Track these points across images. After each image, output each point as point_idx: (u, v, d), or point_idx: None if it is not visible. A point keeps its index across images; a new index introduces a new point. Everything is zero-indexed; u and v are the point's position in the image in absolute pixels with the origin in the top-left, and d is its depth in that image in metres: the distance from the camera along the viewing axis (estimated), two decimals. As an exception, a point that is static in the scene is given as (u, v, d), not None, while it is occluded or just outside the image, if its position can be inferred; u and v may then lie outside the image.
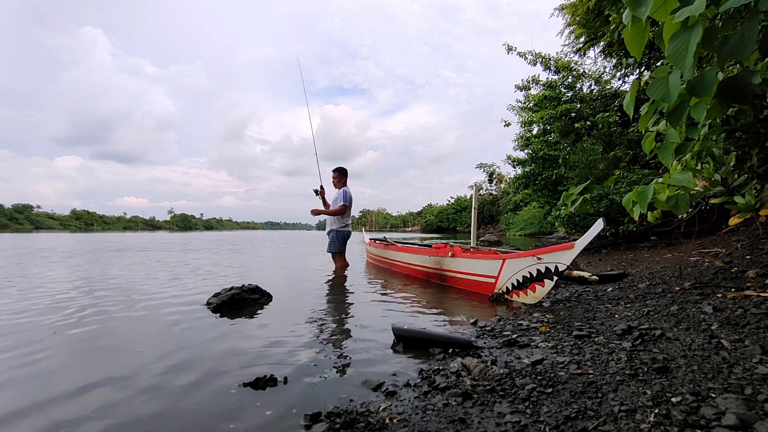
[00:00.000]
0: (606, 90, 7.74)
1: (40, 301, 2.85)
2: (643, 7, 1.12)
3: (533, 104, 8.30)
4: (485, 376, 1.31)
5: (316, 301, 2.91)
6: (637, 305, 2.16)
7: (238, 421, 1.12)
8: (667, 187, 1.81)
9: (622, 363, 1.32)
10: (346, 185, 4.98)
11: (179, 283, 3.80)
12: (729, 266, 2.57)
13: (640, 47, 1.25)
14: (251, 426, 1.10)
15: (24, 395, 1.30)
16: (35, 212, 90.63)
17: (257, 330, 2.10)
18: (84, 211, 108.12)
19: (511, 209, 32.67)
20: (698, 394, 1.03)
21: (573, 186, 3.48)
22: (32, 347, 1.81)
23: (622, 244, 5.70)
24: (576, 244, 2.35)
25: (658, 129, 1.85)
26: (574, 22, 7.98)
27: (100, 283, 3.79)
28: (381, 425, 1.05)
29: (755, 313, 1.59)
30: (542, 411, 1.05)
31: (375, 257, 5.77)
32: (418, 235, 31.25)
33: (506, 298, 2.80)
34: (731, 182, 2.30)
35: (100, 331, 2.09)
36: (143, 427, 1.10)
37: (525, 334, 1.83)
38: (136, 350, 1.78)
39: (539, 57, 7.74)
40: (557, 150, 7.53)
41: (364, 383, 1.36)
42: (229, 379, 1.41)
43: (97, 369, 1.54)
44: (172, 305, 2.72)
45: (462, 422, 1.03)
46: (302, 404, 1.21)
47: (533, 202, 11.86)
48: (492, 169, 42.38)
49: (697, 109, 1.35)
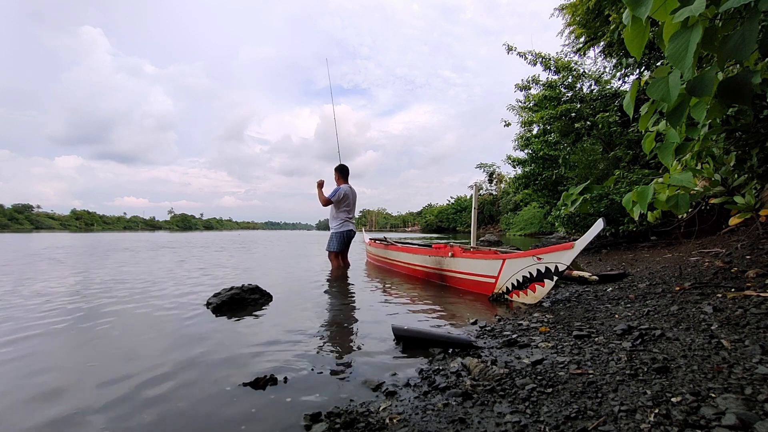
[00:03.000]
0: (606, 90, 7.74)
1: (40, 302, 2.85)
2: (643, 7, 1.13)
3: (533, 104, 8.30)
4: (485, 376, 1.31)
5: (316, 301, 2.91)
6: (637, 305, 2.16)
7: (238, 421, 1.12)
8: (667, 187, 1.81)
9: (622, 363, 1.32)
10: (347, 182, 4.97)
11: (179, 283, 3.80)
12: (729, 266, 2.57)
13: (640, 47, 1.25)
14: (251, 426, 1.10)
15: (23, 395, 1.30)
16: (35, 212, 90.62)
17: (257, 330, 2.10)
18: (84, 211, 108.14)
19: (511, 209, 32.68)
20: (698, 394, 1.03)
21: (573, 186, 3.48)
22: (32, 347, 1.81)
23: (622, 244, 5.70)
24: (576, 244, 2.35)
25: (658, 129, 1.85)
26: (574, 22, 7.98)
27: (100, 283, 3.79)
28: (381, 425, 1.05)
29: (755, 313, 1.59)
30: (542, 411, 1.05)
31: (375, 257, 5.76)
32: (418, 235, 31.26)
33: (506, 298, 2.80)
34: (731, 182, 2.30)
35: (100, 331, 2.09)
36: (143, 427, 1.10)
37: (525, 334, 1.83)
38: (135, 350, 1.78)
39: (539, 57, 7.74)
40: (557, 150, 7.53)
41: (364, 383, 1.36)
42: (229, 379, 1.41)
43: (96, 369, 1.54)
44: (171, 305, 2.72)
45: (462, 422, 1.03)
46: (302, 404, 1.21)
47: (533, 202, 11.86)
48: (492, 169, 42.38)
49: (697, 109, 1.35)
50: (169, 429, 1.09)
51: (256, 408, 1.20)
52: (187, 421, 1.13)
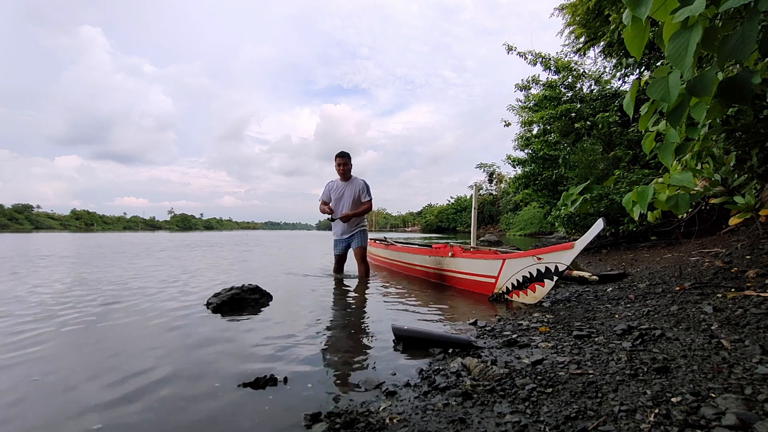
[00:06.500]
0: (606, 90, 7.73)
1: (41, 301, 2.85)
2: (643, 7, 1.13)
3: (533, 104, 8.30)
4: (485, 376, 1.31)
5: (317, 301, 2.91)
6: (637, 305, 2.16)
7: (238, 421, 1.12)
8: (667, 187, 1.81)
9: (622, 363, 1.32)
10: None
11: (179, 282, 3.80)
12: (729, 266, 2.57)
13: (640, 47, 1.25)
14: (251, 426, 1.10)
15: (21, 395, 1.30)
16: (35, 212, 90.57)
17: (257, 330, 2.10)
18: (84, 211, 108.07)
19: (511, 209, 32.66)
20: (698, 394, 1.03)
21: (573, 186, 3.48)
22: (31, 348, 1.80)
23: (622, 244, 5.70)
24: (576, 244, 2.35)
25: (658, 129, 1.85)
26: (574, 22, 7.98)
27: (100, 283, 3.79)
28: (381, 425, 1.05)
29: (755, 313, 1.59)
30: (542, 411, 1.05)
31: (375, 257, 5.76)
32: (418, 235, 31.25)
33: (506, 298, 2.80)
34: (731, 182, 2.30)
35: (99, 331, 2.09)
36: (142, 427, 1.10)
37: (525, 334, 1.83)
38: (135, 350, 1.78)
39: (539, 57, 7.73)
40: (557, 150, 7.52)
41: (364, 383, 1.36)
42: (228, 379, 1.41)
43: (95, 369, 1.54)
44: (171, 305, 2.72)
45: (462, 422, 1.03)
46: (302, 404, 1.21)
47: (533, 202, 11.85)
48: (492, 169, 42.36)
49: (697, 109, 1.35)
50: (169, 429, 1.09)
51: (255, 408, 1.20)
52: (187, 421, 1.13)
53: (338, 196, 4.09)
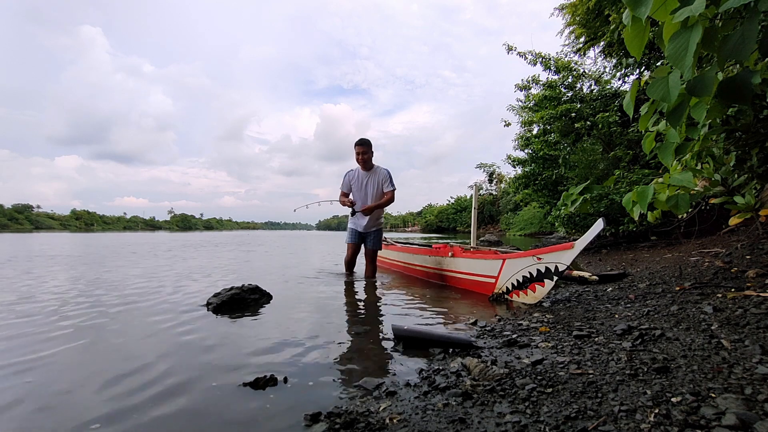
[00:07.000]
0: (606, 90, 7.73)
1: (41, 301, 2.85)
2: (643, 7, 1.13)
3: (533, 104, 8.30)
4: (485, 376, 1.31)
5: (317, 301, 2.91)
6: (637, 305, 2.16)
7: (237, 421, 1.12)
8: (667, 187, 1.81)
9: (622, 363, 1.32)
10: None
11: (179, 282, 3.80)
12: (729, 266, 2.57)
13: (640, 47, 1.25)
14: (251, 426, 1.10)
15: (21, 396, 1.30)
16: (35, 212, 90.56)
17: (257, 330, 2.10)
18: (84, 211, 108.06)
19: (511, 209, 32.65)
20: (698, 394, 1.03)
21: (573, 186, 3.48)
22: (31, 347, 1.80)
23: (622, 244, 5.70)
24: (576, 244, 2.35)
25: (658, 129, 1.85)
26: (574, 22, 7.98)
27: (100, 283, 3.79)
28: (381, 425, 1.05)
29: (755, 313, 1.59)
30: (542, 411, 1.05)
31: (375, 257, 5.76)
32: (418, 235, 31.25)
33: (506, 298, 2.80)
34: (731, 182, 2.30)
35: (99, 331, 2.09)
36: (142, 427, 1.09)
37: (525, 334, 1.83)
38: (134, 350, 1.78)
39: (539, 57, 7.73)
40: (557, 150, 7.52)
41: (364, 383, 1.36)
42: (228, 379, 1.41)
43: (95, 369, 1.54)
44: (171, 305, 2.72)
45: (462, 422, 1.03)
46: (302, 404, 1.21)
47: (533, 202, 11.85)
48: (492, 169, 42.35)
49: (697, 109, 1.35)
50: (169, 429, 1.09)
51: (255, 408, 1.19)
52: (187, 421, 1.13)
53: (360, 187, 3.87)
